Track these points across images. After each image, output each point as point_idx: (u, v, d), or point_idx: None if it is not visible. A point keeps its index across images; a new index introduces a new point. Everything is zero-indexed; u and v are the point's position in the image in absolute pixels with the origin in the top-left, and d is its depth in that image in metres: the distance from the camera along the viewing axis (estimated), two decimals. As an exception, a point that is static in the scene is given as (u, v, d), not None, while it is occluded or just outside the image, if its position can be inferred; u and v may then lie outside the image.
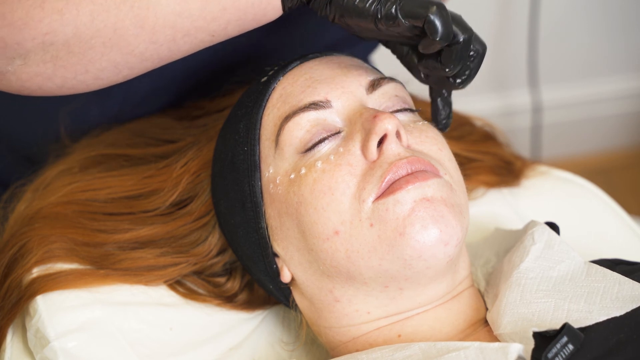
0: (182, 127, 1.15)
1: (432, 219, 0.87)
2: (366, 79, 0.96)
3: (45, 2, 0.85)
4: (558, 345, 0.82)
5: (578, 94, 2.30)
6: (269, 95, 0.97)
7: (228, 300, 1.07)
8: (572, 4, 2.16)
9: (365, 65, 1.00)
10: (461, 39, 0.87)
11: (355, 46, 1.22)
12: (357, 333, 0.94)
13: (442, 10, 0.84)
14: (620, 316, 0.86)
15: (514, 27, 2.15)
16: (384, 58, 1.17)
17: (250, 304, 1.08)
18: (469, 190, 1.18)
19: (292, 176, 0.92)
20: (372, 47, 1.29)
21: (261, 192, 0.95)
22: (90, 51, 0.87)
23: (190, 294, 1.06)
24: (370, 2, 0.86)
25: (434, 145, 0.94)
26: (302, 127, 0.92)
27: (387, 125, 0.89)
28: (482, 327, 0.95)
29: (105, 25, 0.86)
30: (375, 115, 0.90)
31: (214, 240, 1.06)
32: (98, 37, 0.86)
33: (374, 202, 0.88)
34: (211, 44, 0.91)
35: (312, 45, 1.15)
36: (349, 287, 0.92)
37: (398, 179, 0.88)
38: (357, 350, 0.94)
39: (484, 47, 0.91)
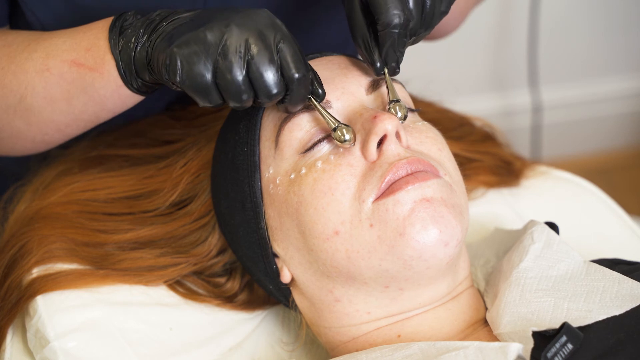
0: (182, 128, 1.15)
1: (432, 219, 0.87)
2: (366, 79, 0.96)
3: None
4: (557, 345, 0.82)
5: (578, 94, 2.30)
6: (269, 95, 0.97)
7: (228, 300, 1.07)
8: (572, 4, 2.17)
9: (365, 65, 1.00)
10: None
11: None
12: (357, 333, 0.94)
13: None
14: (620, 315, 0.86)
15: (514, 27, 2.15)
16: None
17: (250, 304, 1.08)
18: (469, 190, 1.18)
19: (292, 176, 0.92)
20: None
21: (261, 193, 0.95)
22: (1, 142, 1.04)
23: (190, 294, 1.06)
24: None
25: (433, 145, 0.94)
26: (301, 128, 0.92)
27: (387, 125, 0.89)
28: (482, 327, 0.95)
29: (1, 126, 1.01)
30: (375, 115, 0.90)
31: (214, 240, 1.06)
32: (2, 133, 1.02)
33: (373, 202, 0.88)
34: (100, 121, 1.01)
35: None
36: (349, 287, 0.92)
37: (398, 180, 0.88)
38: (357, 350, 0.94)
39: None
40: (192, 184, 1.07)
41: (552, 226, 0.99)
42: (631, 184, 2.28)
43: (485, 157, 1.22)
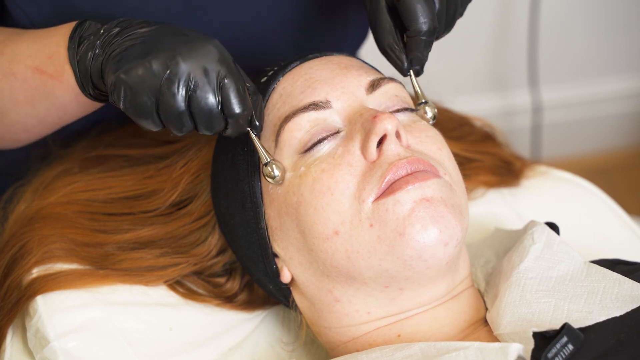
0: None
1: (432, 219, 0.87)
2: (366, 79, 0.96)
3: None
4: (558, 345, 0.82)
5: (578, 94, 2.30)
6: (269, 95, 0.97)
7: (228, 300, 1.07)
8: (572, 4, 2.16)
9: (365, 65, 1.00)
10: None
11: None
12: (356, 333, 0.94)
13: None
14: (620, 316, 0.86)
15: (514, 27, 2.15)
16: (383, 57, 1.16)
17: (250, 304, 1.08)
18: (469, 190, 1.18)
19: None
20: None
21: (261, 193, 0.95)
22: None
23: (190, 294, 1.06)
24: None
25: (433, 145, 0.94)
26: (301, 128, 0.92)
27: (387, 125, 0.89)
28: (482, 327, 0.95)
29: None
30: (375, 115, 0.90)
31: (214, 240, 1.06)
32: None
33: (373, 202, 0.88)
34: (64, 123, 1.03)
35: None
36: (349, 287, 0.92)
37: (398, 179, 0.88)
38: (357, 351, 0.94)
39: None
40: (192, 184, 1.07)
41: (553, 226, 0.99)
42: (631, 184, 2.28)
43: (485, 157, 1.22)
